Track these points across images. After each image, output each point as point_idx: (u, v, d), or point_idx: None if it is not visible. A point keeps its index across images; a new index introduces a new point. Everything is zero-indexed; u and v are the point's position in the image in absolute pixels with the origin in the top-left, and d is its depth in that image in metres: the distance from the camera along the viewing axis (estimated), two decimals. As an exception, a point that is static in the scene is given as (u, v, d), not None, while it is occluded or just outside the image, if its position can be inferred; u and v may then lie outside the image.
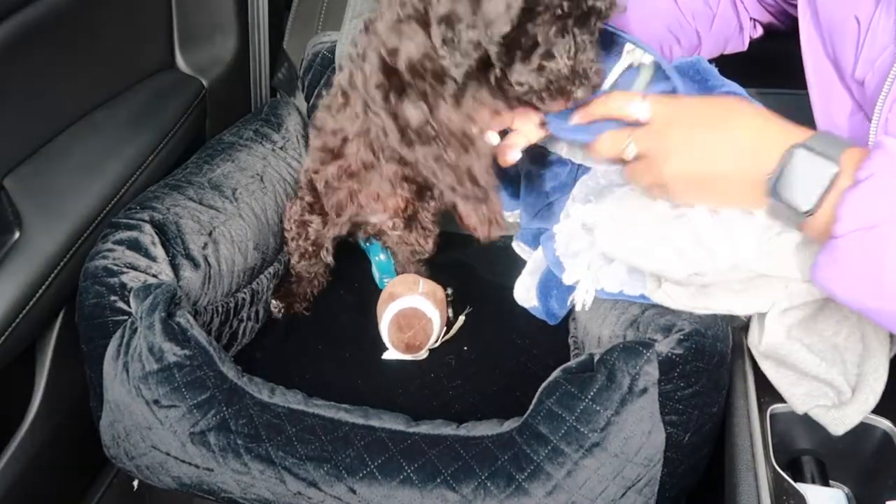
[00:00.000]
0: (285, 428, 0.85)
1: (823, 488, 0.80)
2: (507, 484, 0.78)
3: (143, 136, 1.14)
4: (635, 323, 0.87)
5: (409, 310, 1.07)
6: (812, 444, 0.82)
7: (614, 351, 0.81)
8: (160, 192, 1.07)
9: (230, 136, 1.23)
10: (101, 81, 1.13)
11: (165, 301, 0.90)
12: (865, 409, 0.77)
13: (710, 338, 0.81)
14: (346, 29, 1.27)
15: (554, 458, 0.78)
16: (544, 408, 0.82)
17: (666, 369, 0.79)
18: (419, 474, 0.80)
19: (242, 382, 0.89)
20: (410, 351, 1.07)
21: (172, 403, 0.87)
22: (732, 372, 0.86)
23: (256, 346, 1.13)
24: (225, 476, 0.85)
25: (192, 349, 0.89)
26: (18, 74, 0.95)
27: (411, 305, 1.07)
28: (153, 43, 1.25)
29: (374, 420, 0.86)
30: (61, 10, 1.00)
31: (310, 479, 0.82)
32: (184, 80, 1.28)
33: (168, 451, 0.87)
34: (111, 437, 0.93)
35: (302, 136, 1.30)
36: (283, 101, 1.37)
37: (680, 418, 0.81)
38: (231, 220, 1.09)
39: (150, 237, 0.98)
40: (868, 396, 0.76)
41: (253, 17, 1.34)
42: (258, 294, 1.13)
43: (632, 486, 0.79)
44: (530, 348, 1.11)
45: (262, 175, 1.18)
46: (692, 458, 0.85)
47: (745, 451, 0.77)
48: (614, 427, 0.78)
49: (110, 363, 0.91)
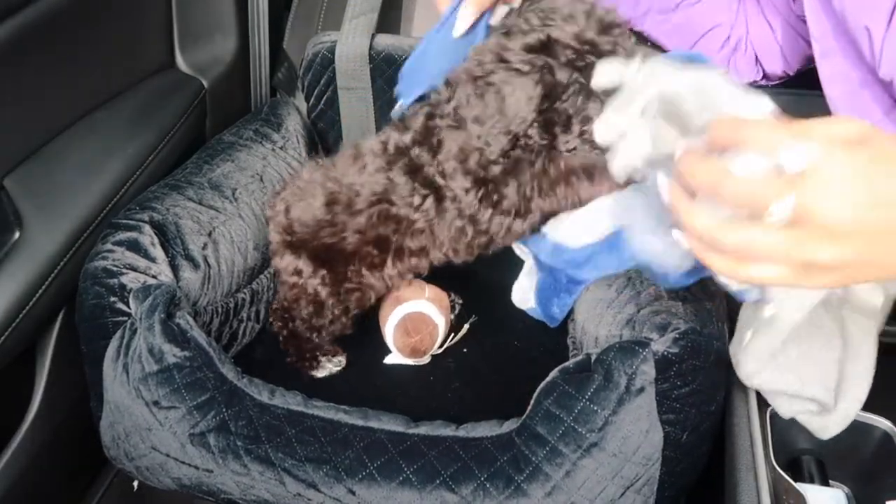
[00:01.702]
0: (285, 429, 0.85)
1: (823, 488, 0.80)
2: (506, 485, 0.78)
3: (143, 136, 1.14)
4: (631, 322, 0.87)
5: (416, 314, 1.06)
6: (812, 444, 0.82)
7: (610, 351, 0.81)
8: (160, 192, 1.07)
9: (230, 135, 1.23)
10: (101, 81, 1.13)
11: (165, 302, 0.90)
12: (849, 416, 0.76)
13: (705, 336, 0.81)
14: (346, 29, 1.27)
15: (552, 459, 0.78)
16: (542, 408, 0.82)
17: (662, 368, 0.79)
18: (418, 475, 0.80)
19: (242, 384, 0.89)
20: (415, 355, 1.07)
21: (172, 405, 0.87)
22: (732, 372, 0.86)
23: (256, 346, 1.13)
24: (224, 477, 0.85)
25: (191, 350, 0.89)
26: (18, 74, 0.95)
27: (418, 310, 1.07)
28: (153, 43, 1.25)
29: (374, 421, 0.86)
30: (61, 10, 1.00)
31: (309, 481, 0.82)
32: (184, 80, 1.28)
33: (168, 452, 0.87)
34: (111, 437, 0.93)
35: (302, 136, 1.30)
36: (283, 101, 1.37)
37: (677, 417, 0.81)
38: (231, 220, 1.09)
39: (150, 238, 0.98)
40: (850, 405, 0.76)
41: (253, 17, 1.34)
42: (258, 294, 1.13)
43: (630, 486, 0.79)
44: (529, 350, 1.11)
45: (262, 175, 1.18)
46: (691, 456, 0.85)
47: (745, 451, 0.77)
48: (612, 427, 0.78)
49: (110, 364, 0.91)
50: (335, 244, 0.97)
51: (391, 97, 1.29)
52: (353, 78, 1.28)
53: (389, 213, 0.94)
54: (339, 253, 0.98)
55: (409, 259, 0.98)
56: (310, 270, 1.00)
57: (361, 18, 1.26)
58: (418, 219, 0.93)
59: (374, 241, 0.97)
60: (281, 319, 1.07)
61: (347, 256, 0.99)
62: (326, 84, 1.30)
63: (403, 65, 1.02)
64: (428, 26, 1.33)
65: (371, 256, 0.98)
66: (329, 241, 0.97)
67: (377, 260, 0.99)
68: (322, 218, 0.97)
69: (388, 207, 0.93)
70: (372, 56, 1.26)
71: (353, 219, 0.95)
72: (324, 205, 0.96)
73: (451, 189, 0.90)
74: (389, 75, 1.27)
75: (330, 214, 0.96)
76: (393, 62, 1.26)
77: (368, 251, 0.98)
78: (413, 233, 0.95)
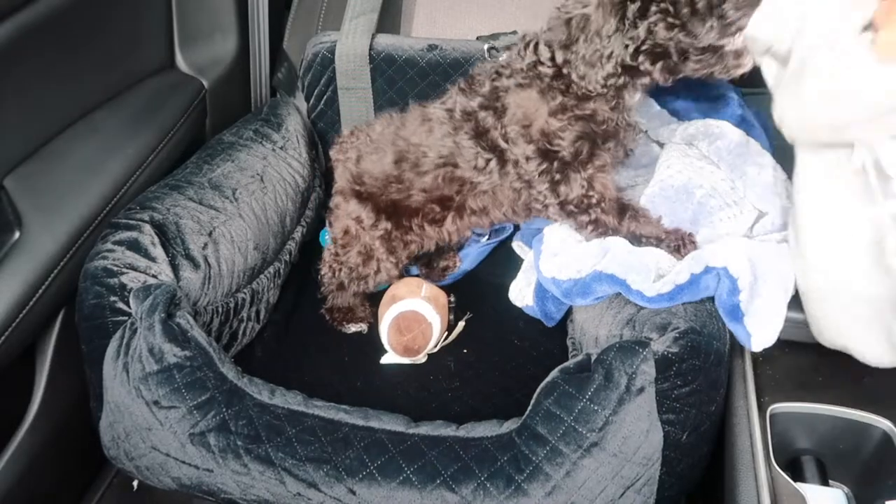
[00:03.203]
0: (285, 429, 0.85)
1: (823, 488, 0.80)
2: (506, 485, 0.78)
3: (143, 136, 1.15)
4: (631, 322, 0.87)
5: (409, 313, 1.07)
6: (812, 444, 0.82)
7: (611, 350, 0.81)
8: (160, 192, 1.07)
9: (230, 135, 1.23)
10: (101, 81, 1.13)
11: (165, 302, 0.90)
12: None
13: (705, 336, 0.81)
14: (346, 29, 1.27)
15: (553, 459, 0.78)
16: (542, 408, 0.82)
17: (662, 368, 0.79)
18: (419, 475, 0.80)
19: (242, 383, 0.89)
20: (409, 354, 1.07)
21: (172, 404, 0.87)
22: (732, 371, 0.86)
23: (256, 346, 1.13)
24: (225, 477, 0.85)
25: (192, 350, 0.89)
26: (19, 74, 0.95)
27: (412, 308, 1.07)
28: (153, 43, 1.25)
29: (374, 421, 0.86)
30: (61, 11, 1.00)
31: (309, 480, 0.82)
32: (184, 80, 1.28)
33: (168, 451, 0.87)
34: (111, 437, 0.93)
35: (302, 136, 1.30)
36: (283, 101, 1.37)
37: (677, 417, 0.81)
38: (231, 220, 1.09)
39: (150, 237, 0.98)
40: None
41: (253, 17, 1.34)
42: (258, 294, 1.13)
43: (630, 486, 0.79)
44: (529, 349, 1.11)
45: (262, 175, 1.18)
46: (691, 457, 0.85)
47: (745, 451, 0.77)
48: (612, 427, 0.78)
49: (110, 364, 0.91)
50: (401, 200, 1.04)
51: (391, 97, 1.29)
52: (353, 78, 1.28)
53: (454, 175, 0.99)
54: (404, 209, 1.04)
55: (470, 217, 1.04)
56: (371, 221, 1.07)
57: (361, 18, 1.26)
58: (482, 181, 0.98)
59: (438, 199, 1.02)
60: (329, 268, 1.13)
61: (411, 212, 1.05)
62: (326, 84, 1.30)
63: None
64: (428, 26, 1.34)
65: (434, 213, 1.04)
66: (396, 196, 1.04)
67: (439, 216, 1.04)
68: (391, 173, 1.02)
69: (454, 170, 0.98)
70: (372, 56, 1.26)
71: (419, 178, 1.01)
72: (393, 162, 1.02)
73: (513, 153, 0.94)
74: (389, 75, 1.27)
75: (398, 171, 1.02)
76: (393, 62, 1.26)
77: (432, 208, 1.03)
78: (476, 194, 1.00)
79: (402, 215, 1.05)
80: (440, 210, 1.03)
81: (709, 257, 0.85)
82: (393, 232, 1.07)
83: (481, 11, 1.31)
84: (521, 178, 0.95)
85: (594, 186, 0.94)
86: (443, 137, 0.98)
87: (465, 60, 1.24)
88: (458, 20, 1.32)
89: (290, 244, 1.23)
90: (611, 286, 0.90)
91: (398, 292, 1.11)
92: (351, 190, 1.08)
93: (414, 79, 1.27)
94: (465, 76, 1.02)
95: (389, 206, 1.05)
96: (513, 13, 1.29)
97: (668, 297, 0.84)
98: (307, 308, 1.21)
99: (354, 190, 1.07)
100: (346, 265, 1.11)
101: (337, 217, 1.11)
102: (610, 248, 0.93)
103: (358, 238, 1.09)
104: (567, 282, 0.95)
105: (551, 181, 0.93)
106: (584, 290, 0.93)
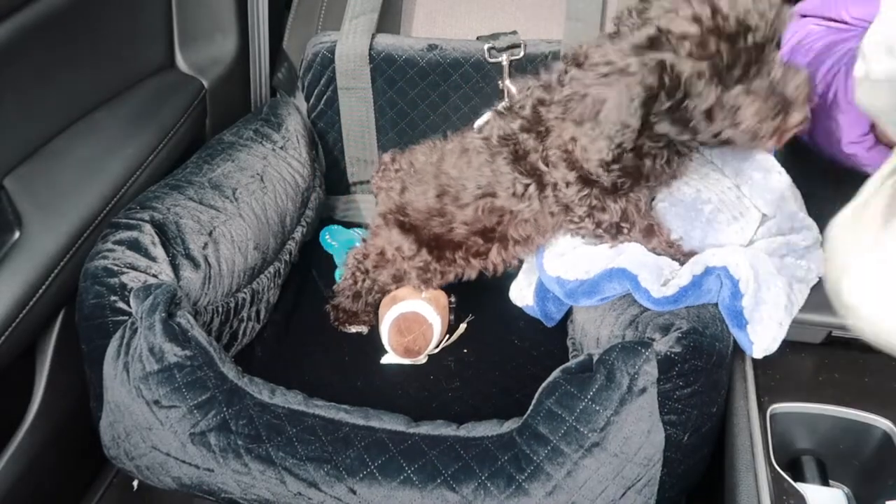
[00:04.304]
0: (285, 428, 0.85)
1: (823, 488, 0.80)
2: (507, 484, 0.78)
3: (143, 136, 1.14)
4: (634, 322, 0.87)
5: (410, 314, 1.07)
6: (812, 444, 0.82)
7: (613, 350, 0.81)
8: (160, 192, 1.07)
9: (230, 135, 1.23)
10: (101, 81, 1.13)
11: (166, 301, 0.90)
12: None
13: (708, 336, 0.81)
14: (346, 29, 1.27)
15: (554, 459, 0.78)
16: (544, 408, 0.82)
17: (665, 368, 0.79)
18: (419, 475, 0.80)
19: (243, 383, 0.89)
20: (409, 355, 1.07)
21: (173, 404, 0.87)
22: (732, 372, 0.86)
23: (257, 346, 1.13)
24: (225, 476, 0.85)
25: (192, 349, 0.89)
26: (19, 74, 0.95)
27: (413, 310, 1.07)
28: (153, 43, 1.25)
29: (375, 421, 0.86)
30: (61, 11, 1.00)
31: (310, 480, 0.82)
32: (184, 80, 1.28)
33: (168, 451, 0.87)
34: (111, 437, 0.93)
35: (302, 136, 1.30)
36: (283, 101, 1.37)
37: (679, 418, 0.81)
38: (231, 219, 1.09)
39: (151, 237, 0.98)
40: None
41: (253, 17, 1.34)
42: (258, 294, 1.13)
43: (631, 486, 0.79)
44: (529, 350, 1.11)
45: (263, 175, 1.18)
46: (692, 458, 0.85)
47: (745, 451, 0.77)
48: (614, 427, 0.78)
49: (110, 363, 0.91)
50: (444, 234, 1.03)
51: (391, 97, 1.29)
52: (353, 78, 1.28)
53: (494, 206, 0.98)
54: (447, 243, 1.04)
55: (514, 247, 1.03)
56: (412, 253, 1.07)
57: (361, 18, 1.26)
58: (522, 209, 0.96)
59: (480, 232, 1.02)
60: (353, 276, 1.13)
61: (454, 245, 1.05)
62: (326, 84, 1.30)
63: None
64: (428, 26, 1.34)
65: (477, 245, 1.04)
66: (438, 230, 1.03)
67: (483, 248, 1.04)
68: (433, 207, 1.02)
69: (493, 200, 0.98)
70: (372, 56, 1.26)
71: (461, 211, 1.00)
72: (436, 196, 1.02)
73: (552, 176, 0.92)
74: (389, 75, 1.27)
75: (440, 204, 1.02)
76: (393, 62, 1.26)
77: (475, 241, 1.03)
78: (518, 223, 0.99)
79: (446, 248, 1.05)
80: (483, 242, 1.03)
81: (708, 258, 0.85)
82: (432, 264, 1.07)
83: (481, 11, 1.30)
84: (559, 202, 0.94)
85: (627, 217, 0.93)
86: (480, 167, 0.97)
87: (465, 60, 1.24)
88: (458, 20, 1.32)
89: (290, 244, 1.23)
90: (620, 283, 0.89)
91: (399, 293, 1.11)
92: (395, 219, 1.07)
93: (414, 79, 1.27)
94: (502, 103, 1.01)
95: (432, 240, 1.05)
96: (513, 13, 1.29)
97: (672, 299, 0.84)
98: (307, 308, 1.21)
99: (398, 220, 1.07)
100: (374, 280, 1.12)
101: (377, 235, 1.11)
102: (625, 250, 0.93)
103: (394, 263, 1.09)
104: (573, 282, 0.95)
105: (589, 206, 0.92)
106: (591, 290, 0.93)
